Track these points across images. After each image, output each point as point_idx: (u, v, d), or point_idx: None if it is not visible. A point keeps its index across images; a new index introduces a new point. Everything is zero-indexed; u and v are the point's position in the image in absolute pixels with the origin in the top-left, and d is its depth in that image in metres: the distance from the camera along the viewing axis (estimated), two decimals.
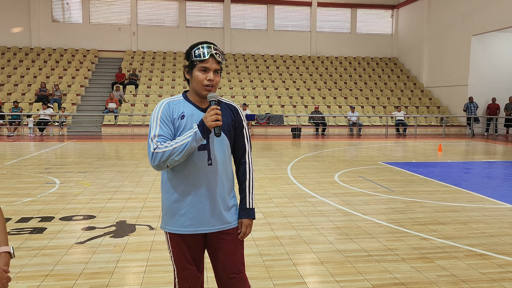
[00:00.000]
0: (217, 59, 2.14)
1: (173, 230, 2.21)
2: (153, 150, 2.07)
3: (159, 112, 2.16)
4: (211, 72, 2.13)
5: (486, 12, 18.29)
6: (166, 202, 2.24)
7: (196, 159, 2.16)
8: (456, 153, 12.61)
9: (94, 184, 7.42)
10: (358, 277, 3.62)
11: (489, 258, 4.09)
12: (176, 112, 2.17)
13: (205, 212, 2.19)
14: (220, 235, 2.25)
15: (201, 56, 2.11)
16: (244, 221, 2.29)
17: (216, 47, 2.16)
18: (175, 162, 2.08)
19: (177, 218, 2.20)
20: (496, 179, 8.36)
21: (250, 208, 2.31)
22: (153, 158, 2.07)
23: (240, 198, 2.33)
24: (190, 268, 2.24)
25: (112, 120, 18.43)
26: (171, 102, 2.20)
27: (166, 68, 22.89)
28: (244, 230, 2.29)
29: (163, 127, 2.13)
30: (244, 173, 2.32)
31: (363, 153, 12.39)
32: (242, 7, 25.06)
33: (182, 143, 2.05)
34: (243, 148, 2.32)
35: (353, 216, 5.51)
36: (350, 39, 26.00)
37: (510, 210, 5.92)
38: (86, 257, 3.97)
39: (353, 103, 21.19)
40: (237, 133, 2.30)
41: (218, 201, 2.22)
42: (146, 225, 5.02)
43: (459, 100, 20.33)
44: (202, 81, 2.13)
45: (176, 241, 2.22)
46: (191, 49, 2.15)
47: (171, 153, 2.05)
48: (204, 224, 2.20)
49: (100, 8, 23.96)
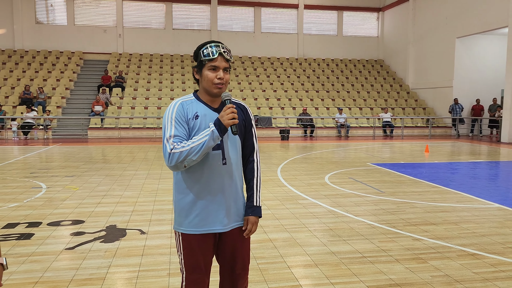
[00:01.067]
0: (226, 57, 2.15)
1: (187, 231, 2.20)
2: (170, 151, 2.06)
3: (173, 112, 2.15)
4: (220, 71, 2.14)
5: (469, 15, 18.59)
6: (179, 202, 2.23)
7: (211, 159, 2.17)
8: (443, 154, 12.76)
9: (81, 188, 7.29)
10: (353, 279, 3.61)
11: (481, 257, 4.12)
12: (190, 112, 2.17)
13: (219, 211, 2.21)
14: (233, 232, 2.28)
15: (210, 55, 2.12)
16: (251, 218, 2.32)
17: (224, 46, 2.17)
18: (193, 162, 2.07)
19: (191, 219, 2.19)
20: (483, 179, 8.47)
21: (257, 206, 2.34)
22: (170, 158, 2.06)
23: (248, 195, 2.35)
24: (199, 272, 2.23)
25: (99, 123, 18.20)
26: (184, 102, 2.20)
27: (153, 70, 22.72)
28: (250, 228, 2.31)
29: (178, 128, 2.12)
30: (252, 171, 2.35)
31: (352, 154, 12.45)
32: (229, 9, 25.03)
33: (200, 142, 2.05)
34: (251, 146, 2.36)
35: (345, 217, 5.51)
36: (337, 41, 26.18)
37: (498, 209, 5.99)
38: (76, 263, 3.88)
39: (340, 105, 21.31)
40: (246, 132, 2.33)
41: (232, 200, 2.24)
42: (137, 229, 4.94)
43: (444, 102, 20.60)
44: (213, 79, 2.14)
45: (189, 243, 2.21)
46: (199, 49, 2.16)
47: (188, 152, 2.04)
48: (217, 223, 2.21)
49: (85, 9, 23.69)
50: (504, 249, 4.35)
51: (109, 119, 18.34)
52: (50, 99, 19.39)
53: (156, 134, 18.16)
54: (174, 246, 4.35)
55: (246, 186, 2.37)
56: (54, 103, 19.13)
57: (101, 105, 18.56)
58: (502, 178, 8.76)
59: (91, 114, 18.43)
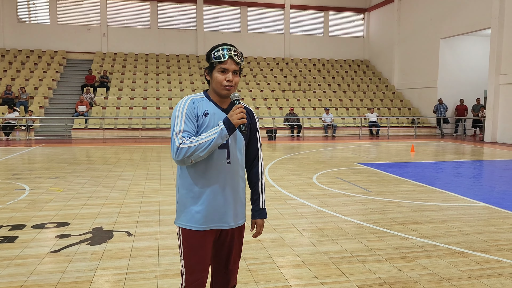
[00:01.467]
0: (236, 60, 2.20)
1: (188, 226, 2.23)
2: (178, 145, 2.10)
3: (184, 108, 2.21)
4: (230, 73, 2.19)
5: (454, 16, 18.86)
6: (182, 198, 2.27)
7: (216, 157, 2.22)
8: (428, 153, 12.91)
9: (66, 190, 7.16)
10: (342, 279, 3.61)
11: (468, 255, 4.17)
12: (200, 109, 2.23)
13: (221, 209, 2.25)
14: (232, 232, 2.35)
15: (220, 58, 2.18)
16: (258, 221, 2.42)
17: (235, 49, 2.23)
18: (199, 158, 2.12)
19: (192, 215, 2.23)
20: (467, 178, 8.59)
21: (263, 208, 2.43)
22: (177, 152, 2.10)
23: (253, 199, 2.43)
24: (198, 273, 2.26)
25: (83, 124, 17.94)
26: (195, 100, 2.26)
27: (138, 70, 22.50)
28: (258, 230, 2.43)
29: (188, 123, 2.17)
30: (257, 175, 2.43)
31: (339, 154, 12.51)
32: (215, 9, 24.95)
33: (208, 139, 2.10)
34: (256, 151, 2.42)
35: (333, 217, 5.52)
36: (323, 42, 26.31)
37: (483, 208, 6.08)
38: (62, 266, 3.80)
39: (327, 105, 21.41)
40: (252, 136, 2.40)
41: (233, 199, 2.29)
42: (124, 231, 4.87)
43: (429, 102, 20.87)
44: (222, 81, 2.20)
45: (189, 239, 2.24)
46: (211, 51, 2.22)
47: (196, 148, 2.09)
48: (219, 220, 2.26)
49: (68, 8, 23.34)
50: (490, 247, 4.41)
51: (93, 120, 18.10)
52: (33, 99, 19.05)
53: (141, 135, 17.99)
54: (162, 248, 4.30)
55: (251, 189, 2.44)
56: (36, 103, 18.79)
57: (85, 105, 18.30)
58: (486, 177, 8.90)
59: (75, 115, 18.16)
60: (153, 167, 9.66)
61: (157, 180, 8.05)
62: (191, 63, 23.86)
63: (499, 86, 16.23)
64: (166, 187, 7.44)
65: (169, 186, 7.48)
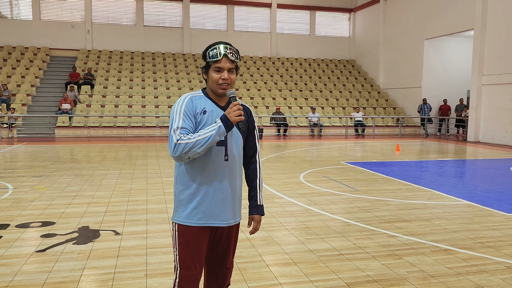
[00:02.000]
0: (231, 58, 2.21)
1: (184, 222, 2.24)
2: (176, 141, 2.12)
3: (183, 105, 2.23)
4: (225, 71, 2.22)
5: (438, 17, 19.13)
6: (179, 194, 2.29)
7: (214, 154, 2.24)
8: (413, 152, 13.08)
9: (50, 188, 7.05)
10: (331, 276, 3.63)
11: (453, 253, 4.24)
12: (198, 107, 2.25)
13: (218, 206, 2.27)
14: (229, 229, 2.36)
15: (215, 57, 2.21)
16: (256, 217, 2.45)
17: (231, 47, 2.24)
18: (197, 154, 2.14)
19: (189, 210, 2.25)
20: (451, 177, 8.73)
21: (261, 204, 2.46)
22: (175, 148, 2.12)
23: (251, 195, 2.47)
24: (193, 269, 2.26)
25: (67, 122, 17.67)
26: (194, 97, 2.29)
27: (123, 68, 22.26)
28: (255, 226, 2.45)
29: (186, 120, 2.19)
30: (255, 171, 2.46)
31: (325, 153, 12.58)
32: (202, 7, 24.83)
33: (206, 136, 2.12)
34: (254, 148, 2.45)
35: (321, 215, 5.55)
36: (310, 41, 26.41)
37: (467, 206, 6.18)
38: (48, 266, 3.74)
39: (313, 104, 21.51)
40: (250, 134, 2.43)
41: (231, 196, 2.31)
42: (111, 230, 4.81)
43: (413, 102, 21.13)
44: (217, 80, 2.22)
45: (184, 236, 2.24)
46: (206, 50, 2.24)
47: (193, 145, 2.11)
48: (215, 217, 2.27)
49: (52, 4, 22.95)
50: (475, 244, 4.49)
51: (77, 118, 17.84)
52: (15, 96, 18.68)
53: (127, 133, 17.81)
54: (150, 247, 4.27)
55: (249, 186, 2.47)
56: (19, 100, 18.44)
57: (69, 103, 18.02)
58: (469, 175, 9.06)
59: (58, 112, 17.87)
60: (139, 166, 9.57)
61: (144, 179, 7.98)
62: (177, 61, 23.71)
63: (481, 87, 16.53)
64: (153, 186, 7.38)
65: (156, 185, 7.42)
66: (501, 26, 15.57)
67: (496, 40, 15.80)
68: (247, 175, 2.48)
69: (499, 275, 3.70)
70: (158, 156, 11.41)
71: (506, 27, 15.35)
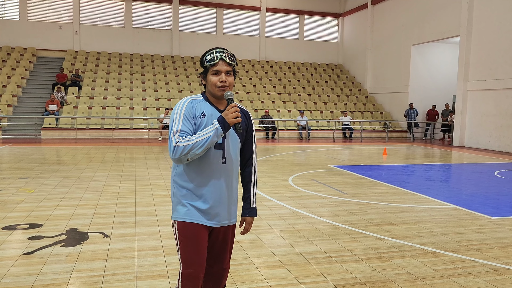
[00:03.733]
0: (227, 61, 2.28)
1: (183, 219, 2.30)
2: (175, 144, 2.18)
3: (183, 108, 2.29)
4: (222, 74, 2.28)
5: (424, 23, 19.43)
6: (178, 193, 2.35)
7: (212, 157, 2.30)
8: (399, 156, 13.23)
9: (37, 190, 6.97)
10: (320, 279, 3.67)
11: (440, 255, 4.31)
12: (198, 110, 2.31)
13: (215, 207, 2.33)
14: (225, 230, 2.43)
15: (211, 61, 2.28)
16: (248, 219, 2.52)
17: (227, 51, 2.33)
18: (196, 155, 2.20)
19: (188, 208, 2.31)
20: (438, 181, 8.86)
21: (254, 207, 2.52)
22: (174, 151, 2.17)
23: (245, 197, 2.53)
24: (195, 266, 2.31)
25: (53, 123, 17.47)
26: (194, 101, 2.34)
27: (111, 69, 22.11)
28: (247, 227, 2.52)
29: (186, 123, 2.25)
30: (250, 174, 2.52)
31: (313, 157, 12.66)
32: (191, 10, 24.82)
33: (204, 137, 2.17)
34: (251, 151, 2.51)
35: (310, 218, 5.59)
36: (298, 45, 26.57)
37: (453, 209, 6.28)
38: (36, 268, 3.70)
39: (302, 108, 21.62)
40: (247, 137, 2.49)
41: (228, 198, 2.38)
42: (100, 232, 4.78)
43: (400, 106, 21.39)
44: (215, 83, 2.28)
45: (184, 233, 2.30)
46: (203, 56, 2.32)
47: (192, 147, 2.16)
48: (213, 217, 2.33)
49: (39, 4, 22.72)
50: (460, 247, 4.57)
51: (64, 119, 17.65)
52: (0, 97, 18.41)
53: (114, 135, 17.68)
54: (139, 249, 4.25)
55: (243, 187, 2.53)
56: (4, 101, 18.18)
57: (56, 104, 17.83)
58: (455, 179, 9.20)
59: (45, 114, 17.66)
60: (127, 168, 9.51)
61: (132, 181, 7.94)
62: (166, 64, 23.63)
63: (467, 92, 16.82)
64: (141, 188, 7.34)
65: (144, 187, 7.39)
66: (486, 33, 15.89)
67: (481, 47, 16.11)
68: (243, 177, 2.53)
69: (484, 277, 3.78)
70: (146, 158, 11.35)
71: (491, 34, 15.66)
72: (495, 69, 15.51)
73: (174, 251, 4.22)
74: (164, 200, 6.45)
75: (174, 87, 21.50)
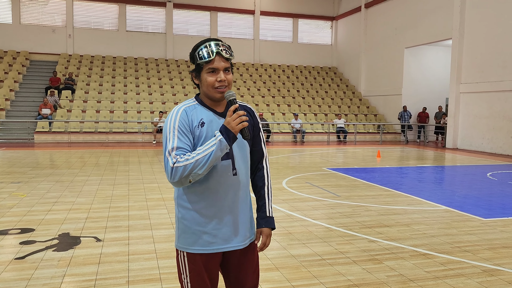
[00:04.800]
0: (225, 56, 1.91)
1: (194, 250, 1.97)
2: (172, 165, 1.81)
3: (176, 121, 1.90)
4: (221, 72, 1.91)
5: (417, 26, 19.57)
6: (183, 218, 1.98)
7: (220, 170, 1.94)
8: (393, 159, 13.29)
9: (30, 195, 6.93)
10: (313, 281, 3.67)
11: (432, 257, 4.33)
12: (195, 119, 1.93)
13: (229, 228, 1.99)
14: (242, 251, 2.08)
15: (206, 57, 1.89)
16: (264, 230, 2.11)
17: (223, 43, 1.94)
18: (198, 176, 1.84)
19: (198, 236, 1.96)
20: (430, 183, 8.91)
21: (270, 216, 2.13)
22: (172, 174, 1.81)
23: (259, 205, 2.15)
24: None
25: (46, 127, 17.39)
26: (188, 108, 1.95)
27: (105, 73, 22.06)
28: (264, 241, 2.10)
29: (182, 138, 1.87)
30: (262, 178, 2.14)
31: (308, 159, 12.69)
32: (185, 13, 24.84)
33: (205, 153, 1.81)
34: (260, 152, 2.14)
35: (303, 221, 5.60)
36: (292, 48, 26.66)
37: (446, 211, 6.32)
38: (28, 273, 3.68)
39: (296, 111, 21.68)
40: (255, 137, 2.11)
41: (242, 215, 2.04)
42: (92, 236, 4.76)
43: (394, 109, 21.50)
44: (213, 83, 1.91)
45: (196, 263, 1.98)
46: (194, 51, 1.93)
47: (193, 166, 1.80)
48: (227, 241, 1.99)
49: (32, 8, 22.65)
50: (452, 249, 4.60)
51: (58, 123, 17.57)
52: None
53: (108, 139, 17.62)
54: (132, 253, 4.24)
55: (256, 195, 2.17)
56: None
57: (49, 108, 17.74)
58: (447, 181, 9.26)
59: (38, 118, 17.58)
60: (120, 172, 9.48)
61: (126, 185, 7.91)
62: (160, 67, 23.62)
63: (459, 95, 16.94)
64: (134, 192, 7.32)
65: (138, 191, 7.37)
66: (478, 35, 16.03)
67: (474, 50, 16.24)
68: (254, 182, 2.16)
69: (475, 278, 3.80)
70: (140, 162, 11.33)
71: (483, 37, 15.80)
72: (487, 71, 15.64)
73: (167, 254, 4.22)
74: (157, 204, 6.43)
75: (168, 90, 21.48)
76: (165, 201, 6.66)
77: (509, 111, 14.90)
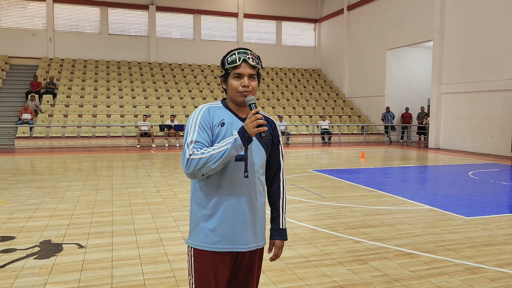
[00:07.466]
0: (251, 64, 2.03)
1: (201, 246, 2.03)
2: (189, 156, 1.93)
3: (198, 117, 2.04)
4: (245, 78, 2.03)
5: (399, 28, 19.84)
6: (195, 214, 2.08)
7: (232, 170, 2.02)
8: (377, 159, 13.42)
9: (10, 202, 6.78)
10: (299, 283, 3.67)
11: (416, 256, 4.37)
12: (216, 118, 2.05)
13: (238, 228, 2.04)
14: (250, 254, 2.12)
15: (233, 63, 2.03)
16: (277, 242, 2.20)
17: (251, 52, 2.08)
18: (211, 170, 1.93)
19: (206, 234, 2.03)
20: (414, 182, 9.02)
21: (284, 228, 2.21)
22: (187, 164, 1.93)
23: (273, 217, 2.22)
24: None
25: (27, 132, 17.08)
26: (211, 108, 2.09)
27: (87, 76, 21.78)
28: (276, 252, 2.19)
29: (201, 133, 2.00)
30: (278, 191, 2.22)
31: (293, 161, 12.72)
32: (168, 16, 24.71)
33: (220, 150, 1.91)
34: (278, 165, 2.23)
35: (289, 223, 5.60)
36: (276, 50, 26.75)
37: (429, 211, 6.40)
38: (7, 283, 3.59)
39: (280, 113, 21.74)
40: (274, 149, 2.20)
41: (252, 217, 2.08)
42: (75, 243, 4.68)
43: (377, 110, 21.74)
44: (237, 88, 2.03)
45: (202, 261, 2.03)
46: (225, 58, 2.08)
47: (207, 160, 1.91)
48: (235, 241, 2.04)
49: (12, 11, 22.24)
50: (436, 248, 4.65)
51: (39, 128, 17.28)
52: None
53: (91, 143, 17.39)
54: (116, 259, 4.18)
55: (271, 207, 2.23)
56: None
57: (29, 113, 17.43)
58: (430, 181, 9.38)
59: (18, 123, 17.25)
60: (104, 177, 9.36)
61: (109, 190, 7.81)
62: (143, 70, 23.44)
63: (441, 95, 17.21)
64: (118, 197, 7.23)
65: (122, 196, 7.28)
66: (458, 37, 16.32)
67: (454, 51, 16.53)
68: (270, 194, 2.23)
69: (458, 276, 3.85)
70: (124, 166, 11.20)
71: (462, 38, 16.10)
72: (467, 72, 15.93)
73: (151, 260, 4.17)
74: (141, 209, 6.36)
75: (152, 94, 21.32)
76: (149, 205, 6.59)
77: (489, 111, 15.20)
